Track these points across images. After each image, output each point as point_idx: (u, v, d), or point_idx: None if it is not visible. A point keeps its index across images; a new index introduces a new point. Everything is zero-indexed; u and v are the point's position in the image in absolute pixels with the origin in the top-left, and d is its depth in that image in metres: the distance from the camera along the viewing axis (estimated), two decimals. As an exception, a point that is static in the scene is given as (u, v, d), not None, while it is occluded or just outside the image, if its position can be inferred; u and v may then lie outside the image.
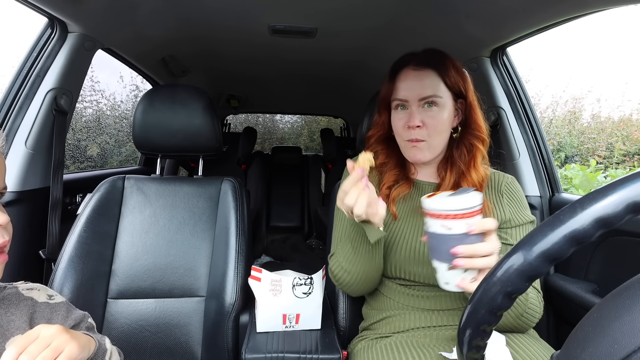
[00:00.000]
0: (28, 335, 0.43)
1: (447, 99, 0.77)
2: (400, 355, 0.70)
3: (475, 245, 0.53)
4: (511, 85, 1.29)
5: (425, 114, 0.76)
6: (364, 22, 1.36)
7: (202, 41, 1.60)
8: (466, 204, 0.53)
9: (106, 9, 1.12)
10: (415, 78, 0.77)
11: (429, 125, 0.76)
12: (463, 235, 0.53)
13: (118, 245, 1.02)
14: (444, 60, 0.78)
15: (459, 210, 0.53)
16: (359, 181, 0.61)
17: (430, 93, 0.75)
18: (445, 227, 0.54)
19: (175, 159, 2.38)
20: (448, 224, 0.54)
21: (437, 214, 0.55)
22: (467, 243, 0.53)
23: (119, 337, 0.95)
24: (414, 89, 0.76)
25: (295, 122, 6.66)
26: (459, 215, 0.53)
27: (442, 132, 0.77)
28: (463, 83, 0.78)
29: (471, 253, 0.53)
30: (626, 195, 0.29)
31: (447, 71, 0.76)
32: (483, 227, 0.54)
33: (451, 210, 0.53)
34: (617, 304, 0.28)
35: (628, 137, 4.50)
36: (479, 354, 0.37)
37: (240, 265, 0.99)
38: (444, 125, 0.77)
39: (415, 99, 0.76)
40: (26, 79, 1.07)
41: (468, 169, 0.78)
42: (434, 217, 0.55)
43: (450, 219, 0.53)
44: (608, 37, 6.28)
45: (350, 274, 0.77)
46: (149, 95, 1.09)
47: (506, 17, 1.05)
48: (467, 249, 0.53)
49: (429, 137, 0.76)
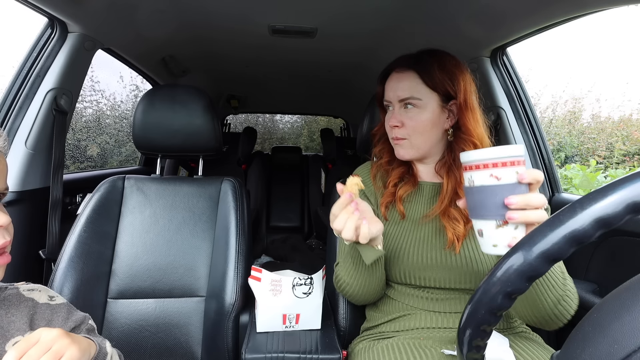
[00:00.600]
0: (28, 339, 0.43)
1: (428, 100, 0.77)
2: (401, 355, 0.70)
3: (528, 195, 0.48)
4: (511, 85, 1.29)
5: (405, 114, 0.79)
6: (364, 22, 1.36)
7: (202, 41, 1.60)
8: (514, 152, 0.49)
9: (106, 9, 1.12)
10: (396, 80, 0.80)
11: (407, 125, 0.78)
12: (514, 185, 0.48)
13: (118, 245, 1.02)
14: (429, 61, 0.77)
15: (509, 157, 0.48)
16: (347, 205, 0.61)
17: (406, 95, 0.77)
18: (494, 176, 0.49)
19: (175, 159, 2.38)
20: (498, 173, 0.49)
21: (485, 163, 0.49)
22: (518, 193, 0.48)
23: (119, 337, 0.95)
24: (394, 90, 0.80)
25: (295, 122, 6.66)
26: (509, 162, 0.48)
27: (423, 132, 0.78)
28: (451, 84, 0.76)
29: (525, 204, 0.48)
30: (626, 195, 0.29)
31: (428, 72, 0.76)
32: (533, 175, 0.49)
33: (501, 158, 0.49)
34: (617, 304, 0.28)
35: (628, 137, 4.50)
36: (479, 354, 0.37)
37: (240, 265, 0.99)
38: (424, 127, 0.78)
39: (395, 100, 0.80)
40: (26, 79, 1.07)
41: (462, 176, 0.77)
42: (481, 169, 0.50)
43: (499, 167, 0.49)
44: (608, 37, 6.28)
45: (352, 287, 0.77)
46: (149, 95, 1.09)
47: (506, 17, 1.05)
48: (521, 199, 0.48)
49: (409, 136, 0.79)
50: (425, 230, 0.78)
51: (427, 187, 0.84)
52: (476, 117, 0.77)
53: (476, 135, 0.76)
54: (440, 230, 0.77)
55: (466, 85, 0.77)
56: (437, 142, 0.80)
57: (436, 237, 0.77)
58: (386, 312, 0.82)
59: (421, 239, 0.77)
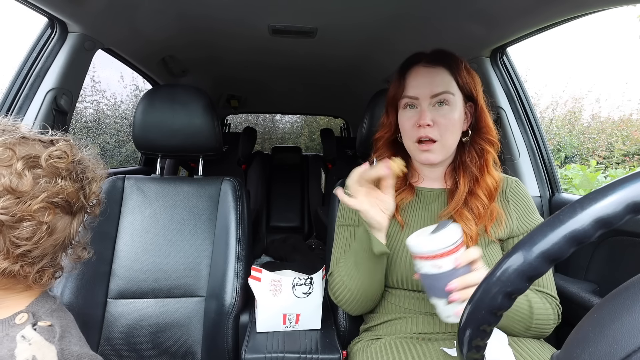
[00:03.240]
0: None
1: (458, 98, 0.75)
2: (400, 354, 0.69)
3: (466, 277, 0.56)
4: (511, 85, 1.29)
5: (436, 112, 0.74)
6: (364, 22, 1.35)
7: (202, 41, 1.60)
8: (450, 240, 0.56)
9: (106, 9, 1.12)
10: (426, 75, 0.75)
11: (440, 124, 0.73)
12: (453, 271, 0.56)
13: (118, 245, 1.02)
14: (456, 59, 0.77)
15: (445, 248, 0.56)
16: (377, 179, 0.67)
17: (442, 90, 0.73)
18: (435, 266, 0.57)
19: (175, 159, 2.38)
20: (438, 263, 0.57)
21: (426, 255, 0.58)
22: (458, 276, 0.56)
23: (119, 337, 0.95)
24: (425, 86, 0.74)
25: (295, 122, 6.66)
26: (446, 252, 0.56)
27: (454, 132, 0.75)
28: (474, 85, 0.77)
29: (464, 285, 0.56)
30: (626, 195, 0.29)
31: (459, 70, 0.75)
32: (469, 258, 0.56)
33: (438, 250, 0.56)
34: (617, 304, 0.28)
35: (628, 137, 4.50)
36: (479, 354, 0.37)
37: (240, 265, 0.99)
38: (455, 126, 0.75)
39: (426, 96, 0.74)
40: (26, 79, 1.07)
41: (481, 173, 0.76)
42: (424, 259, 0.58)
43: (438, 258, 0.56)
44: (608, 37, 6.28)
45: (350, 290, 0.75)
46: (149, 95, 1.09)
47: (506, 17, 1.05)
48: (459, 282, 0.56)
49: (441, 136, 0.74)
50: None
51: (426, 193, 0.83)
52: (489, 118, 0.79)
53: (494, 134, 0.78)
54: None
55: (481, 89, 0.79)
56: (456, 145, 0.79)
57: None
58: (382, 312, 0.82)
59: None
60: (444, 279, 0.57)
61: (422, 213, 0.81)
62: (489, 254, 0.74)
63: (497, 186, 0.77)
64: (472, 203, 0.75)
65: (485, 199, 0.75)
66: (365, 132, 1.10)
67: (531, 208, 0.80)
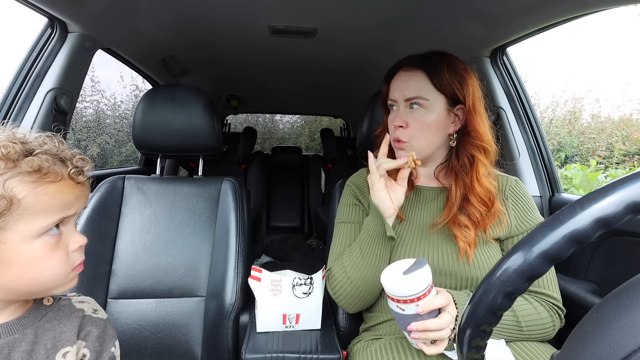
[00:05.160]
0: None
1: (435, 101, 0.75)
2: (400, 354, 0.70)
3: (426, 322, 0.60)
4: (511, 85, 1.29)
5: (410, 114, 0.77)
6: (363, 23, 1.36)
7: (202, 41, 1.60)
8: (416, 289, 0.59)
9: (106, 9, 1.12)
10: (403, 79, 0.78)
11: (411, 126, 0.76)
12: (415, 315, 0.60)
13: (118, 245, 1.02)
14: (438, 62, 0.76)
15: (409, 296, 0.59)
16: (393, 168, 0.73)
17: (413, 94, 0.76)
18: (399, 308, 0.61)
19: (175, 159, 2.38)
20: (402, 306, 0.61)
21: (391, 297, 0.62)
22: (420, 320, 0.60)
23: (119, 337, 0.94)
24: (400, 89, 0.78)
25: (295, 122, 6.66)
26: (409, 300, 0.60)
27: (426, 134, 0.76)
28: (460, 87, 0.75)
29: (424, 329, 0.60)
30: (626, 195, 0.29)
31: (437, 73, 0.75)
32: (430, 308, 0.60)
33: (402, 296, 0.60)
34: (617, 304, 0.28)
35: (628, 137, 4.49)
36: (479, 354, 0.37)
37: (240, 265, 0.99)
38: (428, 128, 0.76)
39: (401, 99, 0.78)
40: (26, 79, 1.07)
41: (471, 181, 0.76)
42: (390, 299, 0.62)
43: (401, 302, 0.60)
44: (608, 37, 6.28)
45: (353, 282, 0.76)
46: (149, 95, 1.09)
47: (506, 17, 1.05)
48: (420, 326, 0.60)
49: (411, 138, 0.77)
50: (420, 233, 0.78)
51: (425, 191, 0.84)
52: (484, 122, 0.78)
53: (486, 140, 0.77)
54: (447, 238, 0.76)
55: (474, 91, 0.77)
56: (439, 146, 0.80)
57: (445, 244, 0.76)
58: (381, 311, 0.82)
59: (415, 241, 0.78)
60: (405, 320, 0.62)
61: (420, 210, 0.82)
62: (487, 253, 0.75)
63: (491, 195, 0.76)
64: (469, 209, 0.75)
65: (481, 206, 0.75)
66: (365, 132, 1.10)
67: (531, 207, 0.80)
